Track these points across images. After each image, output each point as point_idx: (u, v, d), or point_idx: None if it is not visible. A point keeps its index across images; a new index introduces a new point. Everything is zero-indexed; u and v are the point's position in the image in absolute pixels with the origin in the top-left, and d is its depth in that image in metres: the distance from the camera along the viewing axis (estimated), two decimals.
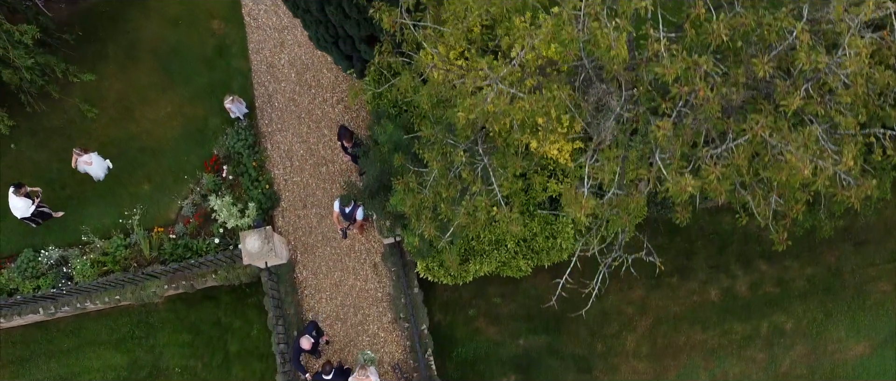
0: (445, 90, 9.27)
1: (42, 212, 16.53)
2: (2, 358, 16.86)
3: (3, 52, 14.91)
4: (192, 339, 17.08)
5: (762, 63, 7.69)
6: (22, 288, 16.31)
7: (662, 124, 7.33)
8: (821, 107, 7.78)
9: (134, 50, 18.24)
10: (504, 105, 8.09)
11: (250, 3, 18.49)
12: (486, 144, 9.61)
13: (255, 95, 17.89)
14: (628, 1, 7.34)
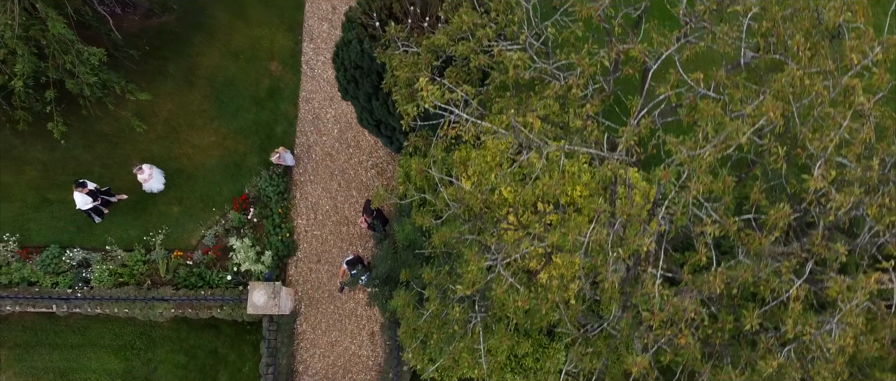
0: (455, 243, 9.68)
1: (106, 201, 17.39)
2: (9, 340, 17.72)
3: (71, 67, 15.72)
4: (188, 362, 17.77)
5: (751, 317, 7.95)
6: (42, 282, 17.18)
7: (639, 361, 7.66)
8: (799, 373, 8.01)
9: (192, 74, 18.98)
10: (501, 293, 8.47)
11: (310, 53, 19.12)
12: (484, 302, 10.01)
13: (296, 142, 18.51)
14: (635, 238, 7.66)
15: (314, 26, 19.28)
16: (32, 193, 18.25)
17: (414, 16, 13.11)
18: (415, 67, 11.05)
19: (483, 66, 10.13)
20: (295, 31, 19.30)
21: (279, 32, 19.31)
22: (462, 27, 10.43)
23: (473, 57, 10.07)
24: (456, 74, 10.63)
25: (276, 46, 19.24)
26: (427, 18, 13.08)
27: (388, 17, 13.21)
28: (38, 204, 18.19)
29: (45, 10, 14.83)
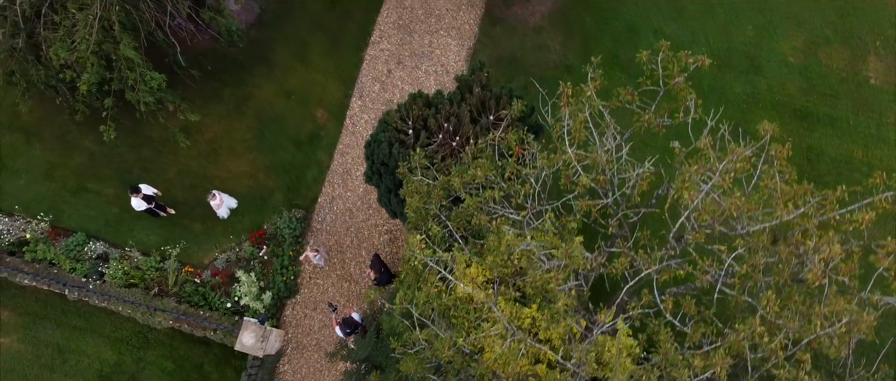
0: None
1: (157, 208, 18.55)
2: (20, 307, 18.99)
3: (133, 84, 16.89)
4: (174, 370, 18.81)
5: None
6: (62, 265, 18.43)
7: None
8: None
9: (244, 103, 20.04)
10: None
11: (357, 109, 20.02)
12: None
13: (322, 191, 19.42)
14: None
15: (366, 84, 20.17)
16: (74, 178, 19.53)
17: (446, 132, 13.88)
18: (427, 197, 11.80)
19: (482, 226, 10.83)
20: (347, 85, 20.22)
21: (332, 82, 20.25)
22: (475, 179, 11.16)
23: (476, 214, 10.79)
24: (458, 220, 11.34)
25: (327, 95, 20.18)
26: (458, 138, 13.83)
27: (423, 127, 13.99)
28: (77, 190, 19.46)
29: (120, 34, 15.98)
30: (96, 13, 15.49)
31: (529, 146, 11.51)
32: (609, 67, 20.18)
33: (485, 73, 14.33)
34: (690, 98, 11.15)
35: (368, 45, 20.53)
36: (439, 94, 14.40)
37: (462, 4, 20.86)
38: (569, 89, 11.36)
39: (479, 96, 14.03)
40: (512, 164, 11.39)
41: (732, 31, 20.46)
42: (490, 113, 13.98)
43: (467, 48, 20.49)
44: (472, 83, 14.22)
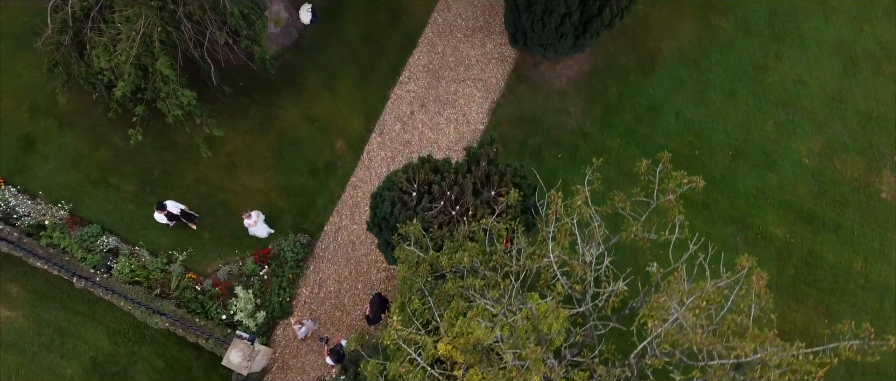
0: None
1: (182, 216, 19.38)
2: (30, 285, 19.87)
3: (165, 96, 17.67)
4: (164, 368, 19.56)
5: None
6: (74, 253, 19.30)
7: None
8: None
9: (268, 122, 20.75)
10: None
11: (375, 145, 20.62)
12: None
13: (329, 220, 20.05)
14: None
15: (388, 122, 20.76)
16: (98, 171, 20.39)
17: (448, 200, 14.40)
18: (415, 270, 12.34)
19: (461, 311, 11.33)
20: (369, 120, 20.83)
21: (356, 115, 20.88)
22: (461, 263, 11.67)
23: (456, 297, 11.30)
24: (439, 298, 11.86)
25: (349, 126, 20.81)
26: (458, 207, 14.35)
27: (427, 191, 14.53)
28: (99, 182, 20.32)
29: (159, 51, 16.74)
30: (140, 29, 16.26)
31: (517, 240, 11.98)
32: (625, 141, 20.59)
33: (494, 148, 14.82)
34: (678, 218, 11.54)
35: (396, 84, 21.12)
36: (447, 161, 14.93)
37: (493, 57, 21.36)
38: (558, 198, 11.78)
39: (484, 170, 14.53)
40: (499, 252, 11.87)
41: (753, 123, 20.72)
42: (493, 188, 14.46)
43: (491, 101, 20.98)
44: (480, 156, 14.72)
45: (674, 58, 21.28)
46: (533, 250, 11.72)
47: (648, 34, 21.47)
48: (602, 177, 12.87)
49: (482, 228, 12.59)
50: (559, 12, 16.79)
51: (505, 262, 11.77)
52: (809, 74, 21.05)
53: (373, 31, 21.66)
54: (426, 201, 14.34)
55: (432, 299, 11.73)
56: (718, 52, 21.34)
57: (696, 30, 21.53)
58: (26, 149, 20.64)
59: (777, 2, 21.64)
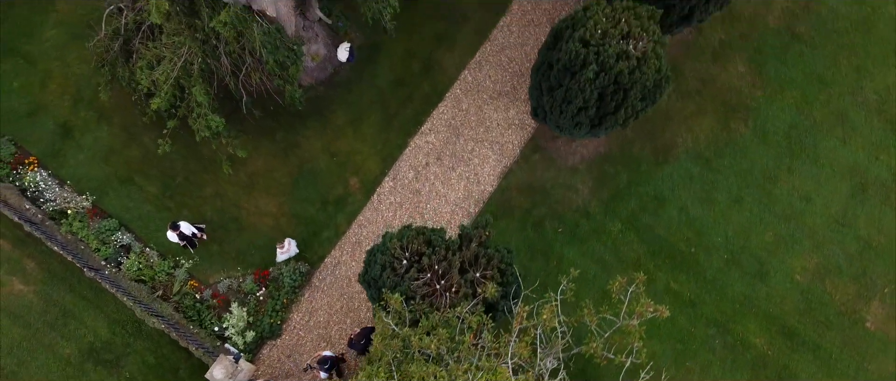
0: None
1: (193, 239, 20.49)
2: (45, 264, 21.10)
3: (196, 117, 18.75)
4: (154, 365, 20.62)
5: None
6: (90, 244, 20.50)
7: None
8: None
9: (291, 150, 21.75)
10: None
11: (387, 189, 21.50)
12: None
13: (331, 253, 20.98)
14: None
15: (402, 169, 21.63)
16: (125, 168, 21.58)
17: (434, 274, 15.22)
18: (388, 343, 13.18)
19: None
20: (386, 164, 21.72)
21: (374, 156, 21.78)
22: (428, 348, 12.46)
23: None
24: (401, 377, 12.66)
25: (365, 166, 21.72)
26: (443, 282, 15.16)
27: (416, 261, 15.37)
28: (124, 179, 21.50)
29: (196, 78, 17.80)
30: (182, 55, 17.32)
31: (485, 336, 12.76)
32: (626, 227, 21.20)
33: (487, 231, 15.58)
34: (637, 344, 12.21)
35: (417, 134, 21.98)
36: (440, 234, 15.74)
37: (513, 123, 22.12)
38: (524, 312, 12.50)
39: (474, 251, 15.31)
40: (466, 344, 12.67)
41: (753, 231, 21.19)
42: (479, 270, 15.25)
43: (504, 165, 21.74)
44: (472, 237, 15.50)
45: (687, 153, 21.83)
46: (495, 351, 12.48)
47: (667, 126, 22.05)
48: (593, 259, 13.48)
49: (455, 315, 13.38)
50: (577, 104, 17.49)
51: (469, 355, 12.56)
52: (817, 192, 21.46)
53: (405, 78, 22.54)
54: (415, 270, 15.17)
55: (396, 376, 12.55)
56: (732, 156, 21.83)
57: (714, 130, 22.06)
58: (63, 136, 21.91)
59: (799, 115, 22.09)
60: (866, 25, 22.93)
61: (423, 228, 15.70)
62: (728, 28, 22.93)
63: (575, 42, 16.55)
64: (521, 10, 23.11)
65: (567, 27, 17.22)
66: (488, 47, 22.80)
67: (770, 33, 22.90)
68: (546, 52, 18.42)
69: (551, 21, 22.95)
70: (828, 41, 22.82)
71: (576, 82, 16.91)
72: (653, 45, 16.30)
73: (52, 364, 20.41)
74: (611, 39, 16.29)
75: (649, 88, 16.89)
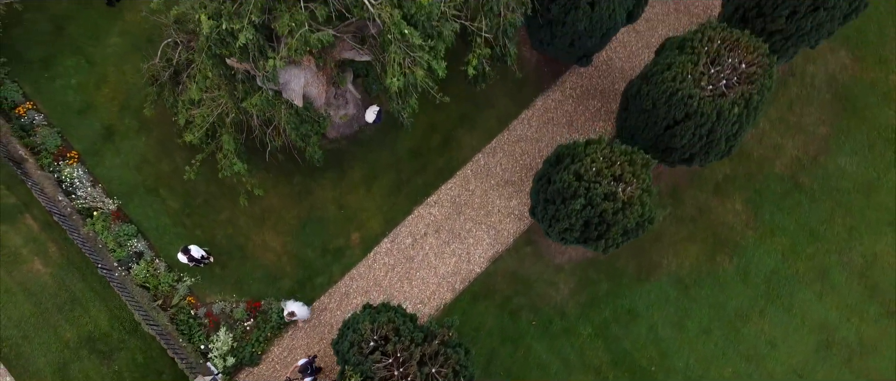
0: None
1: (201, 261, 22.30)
2: (67, 250, 23.05)
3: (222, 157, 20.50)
4: (142, 364, 22.42)
5: None
6: (108, 243, 22.42)
7: None
8: None
9: (304, 194, 23.41)
10: None
11: (384, 249, 23.03)
12: None
13: (320, 298, 22.60)
14: None
15: (401, 234, 23.15)
16: (154, 180, 23.47)
17: (396, 360, 16.72)
18: None
19: None
20: (388, 226, 23.26)
21: (378, 217, 23.34)
22: None
23: None
24: None
25: (368, 224, 23.29)
26: (401, 369, 16.65)
27: (382, 345, 16.88)
28: (151, 189, 23.40)
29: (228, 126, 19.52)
30: (218, 108, 19.06)
31: None
32: (596, 333, 22.45)
33: (451, 332, 17.01)
34: None
35: (422, 204, 23.49)
36: (411, 321, 17.22)
37: (513, 213, 23.49)
38: None
39: (435, 348, 16.77)
40: None
41: (714, 364, 22.27)
42: (436, 365, 16.70)
43: (496, 250, 23.13)
44: (437, 334, 16.96)
45: (669, 276, 22.98)
46: None
47: (656, 246, 23.21)
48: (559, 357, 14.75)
49: None
50: (563, 224, 18.81)
51: None
52: (784, 340, 22.44)
53: (422, 149, 24.05)
54: (379, 353, 16.68)
55: None
56: (711, 287, 22.92)
57: (700, 259, 23.16)
58: (105, 137, 23.90)
59: (784, 263, 23.07)
60: (868, 189, 23.80)
61: (397, 313, 17.18)
62: (735, 165, 24.00)
63: (570, 173, 17.88)
64: (544, 106, 24.46)
65: (568, 155, 18.56)
66: (506, 136, 24.18)
67: (774, 178, 23.90)
68: (548, 167, 19.76)
69: (570, 122, 24.27)
70: (828, 197, 23.74)
71: (565, 207, 18.24)
72: (640, 192, 17.55)
73: (52, 344, 22.37)
74: (603, 179, 17.58)
75: (631, 228, 18.14)
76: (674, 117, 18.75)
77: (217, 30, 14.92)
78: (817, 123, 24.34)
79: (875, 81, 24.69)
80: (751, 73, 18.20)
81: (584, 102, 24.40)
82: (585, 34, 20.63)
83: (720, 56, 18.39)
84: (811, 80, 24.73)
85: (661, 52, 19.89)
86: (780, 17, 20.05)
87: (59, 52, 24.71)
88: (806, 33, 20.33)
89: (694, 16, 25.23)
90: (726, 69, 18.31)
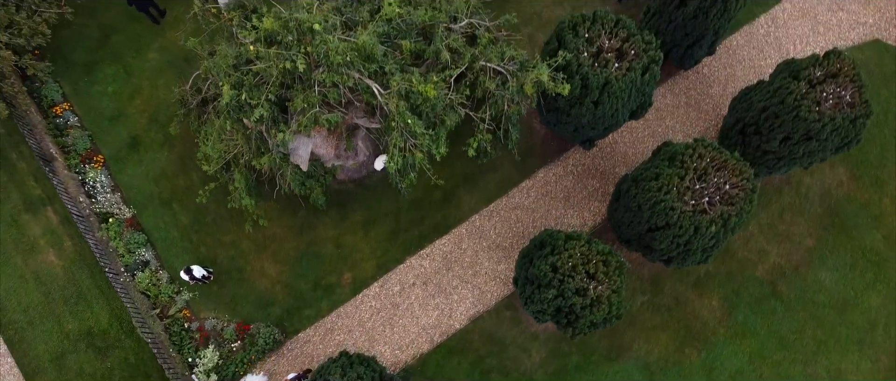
0: None
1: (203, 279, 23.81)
2: (78, 247, 24.69)
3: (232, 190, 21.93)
4: (133, 365, 23.98)
5: None
6: (118, 249, 23.99)
7: None
8: None
9: (306, 229, 24.77)
10: None
11: (372, 293, 24.32)
12: None
13: (305, 330, 23.94)
14: None
15: (391, 280, 24.41)
16: (169, 193, 25.00)
17: None
18: None
19: None
20: (380, 271, 24.54)
21: (371, 261, 24.63)
22: None
23: None
24: None
25: (361, 266, 24.59)
26: None
27: None
28: (165, 202, 24.93)
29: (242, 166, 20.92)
30: (236, 147, 20.47)
31: None
32: None
33: None
34: None
35: (415, 255, 24.73)
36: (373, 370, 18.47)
37: (499, 277, 24.65)
38: None
39: None
40: None
41: None
42: None
43: (477, 310, 24.31)
44: None
45: (637, 361, 23.98)
46: None
47: (629, 329, 24.23)
48: None
49: None
50: (538, 307, 19.95)
51: None
52: None
53: (423, 202, 25.29)
54: None
55: None
56: (675, 377, 23.88)
57: (669, 348, 24.13)
58: (131, 146, 25.48)
59: (749, 365, 23.94)
60: (843, 307, 24.58)
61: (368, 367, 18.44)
62: (718, 263, 24.91)
63: (547, 264, 19.01)
64: (545, 179, 25.57)
65: (548, 245, 19.69)
66: (504, 201, 25.34)
67: (754, 281, 24.79)
68: (533, 247, 20.89)
69: (567, 198, 25.35)
70: (802, 308, 24.58)
71: (539, 293, 19.38)
72: (610, 292, 18.63)
73: (54, 333, 24.01)
74: (577, 274, 18.70)
75: (597, 322, 19.23)
76: (656, 223, 19.78)
77: (237, 99, 16.28)
78: (805, 234, 25.15)
79: (868, 202, 25.45)
80: (733, 194, 19.17)
81: (584, 181, 25.46)
82: (588, 127, 21.72)
83: (707, 174, 19.37)
84: (806, 191, 25.54)
85: (656, 155, 20.91)
86: (775, 139, 20.97)
87: (101, 60, 26.32)
88: (798, 157, 21.23)
89: (703, 112, 26.17)
90: (711, 187, 19.29)
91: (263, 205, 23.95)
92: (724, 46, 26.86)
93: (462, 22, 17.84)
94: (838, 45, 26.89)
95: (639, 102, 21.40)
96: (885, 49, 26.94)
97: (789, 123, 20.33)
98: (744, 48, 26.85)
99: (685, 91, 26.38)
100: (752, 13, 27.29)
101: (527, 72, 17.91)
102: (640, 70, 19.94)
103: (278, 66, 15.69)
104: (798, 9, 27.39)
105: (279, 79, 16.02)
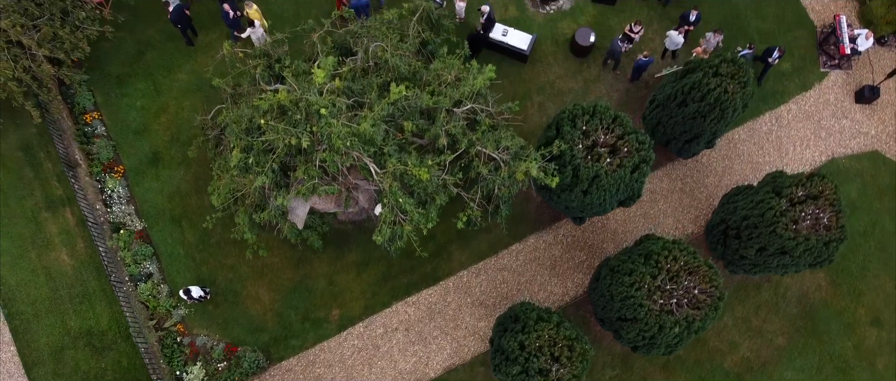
0: None
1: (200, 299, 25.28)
2: (89, 250, 26.26)
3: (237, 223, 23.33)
4: (125, 369, 25.47)
5: None
6: (125, 259, 25.54)
7: None
8: None
9: (302, 263, 26.12)
10: None
11: (357, 332, 25.62)
12: None
13: (288, 359, 25.31)
14: None
15: (375, 322, 25.69)
16: (180, 211, 26.49)
17: None
18: None
19: None
20: (367, 312, 25.83)
21: (360, 301, 25.93)
22: None
23: None
24: None
25: (350, 305, 25.90)
26: None
27: None
28: (175, 219, 26.42)
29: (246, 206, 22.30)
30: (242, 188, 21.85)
31: None
32: None
33: None
34: None
35: (402, 301, 25.99)
36: None
37: (477, 334, 25.84)
38: None
39: None
40: None
41: None
42: None
43: (452, 362, 25.51)
44: None
45: None
46: None
47: None
48: None
49: None
50: (503, 376, 21.10)
51: None
52: None
53: (415, 252, 26.46)
54: None
55: None
56: None
57: None
58: (151, 162, 27.00)
59: None
60: None
61: None
62: (689, 349, 25.88)
63: (516, 341, 20.18)
64: (535, 245, 26.69)
65: (520, 320, 20.84)
66: (493, 261, 26.50)
67: (721, 372, 25.72)
68: (508, 316, 22.06)
69: (553, 266, 26.45)
70: None
71: (506, 365, 20.54)
72: (570, 377, 19.75)
73: (56, 328, 25.60)
74: (542, 355, 19.84)
75: None
76: (624, 314, 20.85)
77: (245, 161, 17.62)
78: (777, 332, 26.03)
79: (844, 310, 26.25)
80: (701, 300, 20.19)
81: (572, 252, 26.55)
82: (578, 209, 22.83)
83: (679, 276, 20.40)
84: (784, 291, 26.40)
85: (637, 246, 21.96)
86: (751, 248, 21.93)
87: (134, 74, 27.87)
88: (772, 267, 22.17)
89: (696, 200, 27.11)
90: (680, 289, 20.32)
91: (264, 236, 25.30)
92: (726, 138, 27.76)
93: (465, 106, 19.02)
94: (838, 152, 27.69)
95: (627, 194, 22.44)
96: (882, 161, 27.68)
97: (766, 236, 21.28)
98: (745, 143, 27.73)
99: (681, 177, 27.34)
100: (758, 109, 28.15)
101: (519, 161, 19.05)
102: (630, 168, 20.99)
103: (285, 140, 17.00)
104: (803, 111, 28.21)
105: (285, 149, 17.33)
